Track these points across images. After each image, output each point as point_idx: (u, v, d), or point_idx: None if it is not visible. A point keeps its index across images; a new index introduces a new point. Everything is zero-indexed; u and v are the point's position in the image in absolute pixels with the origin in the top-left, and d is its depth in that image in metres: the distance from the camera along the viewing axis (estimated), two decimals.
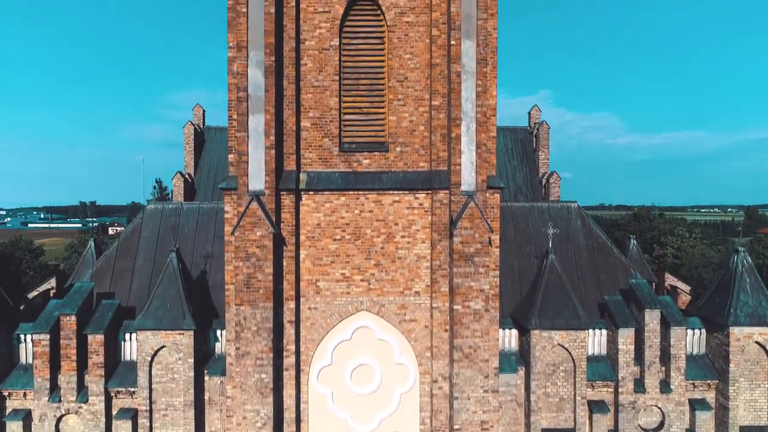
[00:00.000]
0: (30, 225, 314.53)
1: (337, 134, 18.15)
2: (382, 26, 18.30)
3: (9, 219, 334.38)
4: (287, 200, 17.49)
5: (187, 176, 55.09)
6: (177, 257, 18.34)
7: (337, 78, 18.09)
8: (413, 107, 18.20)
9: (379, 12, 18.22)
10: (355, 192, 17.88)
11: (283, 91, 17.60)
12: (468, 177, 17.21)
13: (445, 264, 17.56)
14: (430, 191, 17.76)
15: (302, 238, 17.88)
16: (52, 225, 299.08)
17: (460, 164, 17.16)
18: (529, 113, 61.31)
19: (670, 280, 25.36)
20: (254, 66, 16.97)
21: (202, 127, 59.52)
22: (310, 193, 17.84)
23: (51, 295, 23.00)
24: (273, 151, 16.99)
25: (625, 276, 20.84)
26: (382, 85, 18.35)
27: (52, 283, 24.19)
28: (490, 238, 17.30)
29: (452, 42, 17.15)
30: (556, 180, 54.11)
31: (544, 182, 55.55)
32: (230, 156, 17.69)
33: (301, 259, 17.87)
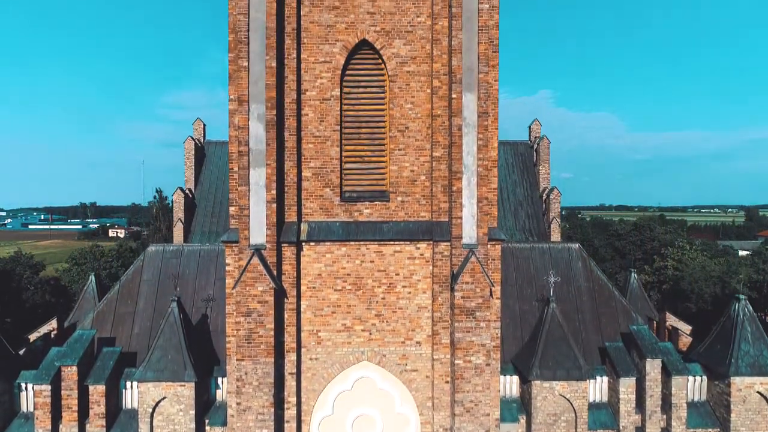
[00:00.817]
0: (30, 226, 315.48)
1: (338, 184, 18.15)
2: (383, 76, 18.30)
3: (9, 220, 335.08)
4: (288, 252, 17.48)
5: (187, 191, 55.21)
6: (178, 306, 18.34)
7: (338, 128, 18.09)
8: (414, 157, 18.19)
9: (380, 61, 18.21)
10: (357, 242, 17.88)
11: (284, 143, 17.60)
12: (469, 230, 17.20)
13: (447, 316, 17.56)
14: (431, 242, 17.76)
15: (303, 288, 17.88)
16: (52, 226, 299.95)
17: (461, 218, 17.16)
18: (530, 127, 61.34)
19: (671, 320, 25.36)
20: (255, 119, 16.96)
21: (202, 141, 59.68)
22: (311, 243, 17.84)
23: (52, 335, 22.98)
24: (274, 205, 16.98)
25: (626, 319, 20.84)
26: (383, 134, 18.36)
27: (53, 324, 24.17)
28: (491, 290, 17.31)
29: (453, 95, 17.14)
30: (557, 196, 54.16)
31: (544, 197, 55.67)
32: (231, 208, 17.69)
33: (302, 309, 17.87)
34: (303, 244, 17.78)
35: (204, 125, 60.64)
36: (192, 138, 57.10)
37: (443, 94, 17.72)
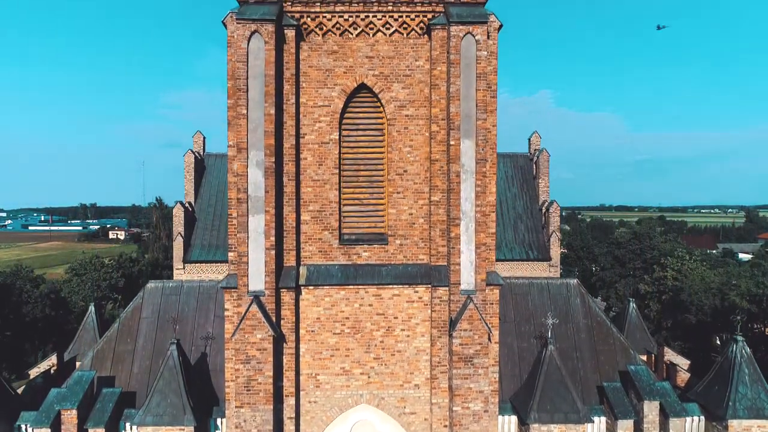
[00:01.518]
0: (30, 228, 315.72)
1: (336, 227, 18.20)
2: (381, 119, 18.35)
3: (9, 221, 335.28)
4: (287, 297, 17.53)
5: (187, 205, 55.26)
6: (177, 349, 18.39)
7: (337, 171, 18.14)
8: (413, 200, 18.25)
9: (378, 105, 18.27)
10: (355, 286, 17.94)
11: (283, 188, 17.64)
12: (467, 276, 17.25)
13: (445, 360, 17.62)
14: (429, 286, 17.82)
15: (302, 332, 17.94)
16: (52, 228, 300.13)
17: (459, 264, 17.20)
18: (529, 139, 61.35)
19: (669, 354, 25.41)
20: (254, 166, 17.00)
21: (202, 154, 59.70)
22: (310, 287, 17.90)
23: (52, 371, 23.03)
24: (273, 252, 17.02)
25: (624, 356, 20.88)
26: (382, 177, 18.42)
27: (52, 360, 24.23)
28: (489, 335, 17.36)
29: (452, 142, 17.18)
30: (556, 209, 54.18)
31: (543, 210, 55.69)
32: (230, 254, 17.74)
33: (301, 353, 17.94)
34: (302, 288, 17.84)
35: (204, 138, 60.77)
36: (192, 151, 57.18)
37: (441, 139, 17.76)
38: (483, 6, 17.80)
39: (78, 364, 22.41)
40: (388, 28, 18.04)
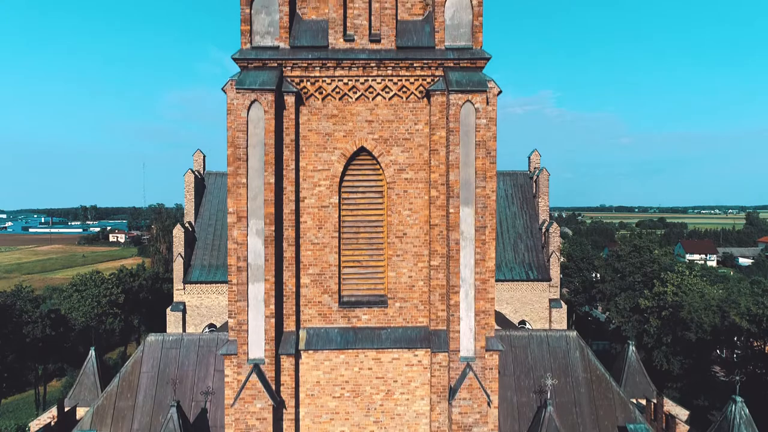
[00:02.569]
0: (31, 230, 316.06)
1: (336, 290, 18.24)
2: (381, 182, 18.38)
3: (10, 223, 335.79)
4: (287, 363, 17.56)
5: (188, 225, 55.41)
6: (177, 411, 18.43)
7: (336, 234, 18.18)
8: (412, 263, 18.28)
9: (378, 167, 18.30)
10: (355, 350, 17.97)
11: (282, 253, 17.67)
12: (467, 343, 17.28)
13: (444, 425, 17.66)
14: (429, 350, 17.85)
15: (302, 395, 17.98)
16: (53, 230, 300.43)
17: (459, 331, 17.24)
18: (529, 157, 61.57)
19: (669, 405, 25.43)
20: (254, 235, 17.03)
21: (202, 173, 59.74)
22: (310, 351, 17.93)
23: (52, 424, 23.06)
24: (273, 320, 17.06)
25: (624, 411, 20.93)
26: (382, 240, 18.44)
27: (53, 411, 24.28)
28: (489, 402, 17.39)
29: (451, 210, 17.20)
30: (556, 230, 54.39)
31: (543, 230, 55.75)
32: (230, 320, 17.77)
33: (300, 417, 17.98)
34: (302, 352, 17.87)
35: (204, 156, 60.89)
36: (192, 171, 57.39)
37: (441, 204, 17.79)
38: (481, 71, 17.86)
39: (78, 416, 22.45)
40: (387, 92, 18.07)
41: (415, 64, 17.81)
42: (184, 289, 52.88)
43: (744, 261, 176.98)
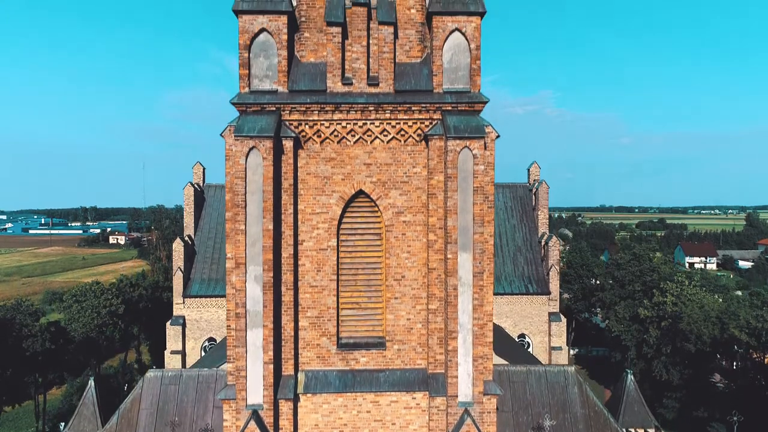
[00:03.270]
0: (31, 231, 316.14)
1: (334, 332, 18.29)
2: (379, 225, 18.42)
3: (10, 225, 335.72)
4: (285, 407, 17.60)
5: (187, 239, 55.43)
6: None
7: (335, 277, 18.22)
8: (411, 305, 18.33)
9: (376, 210, 18.34)
10: (353, 393, 18.02)
11: (281, 297, 17.71)
12: (465, 389, 17.34)
13: None
14: (427, 393, 17.91)
15: None
16: (53, 231, 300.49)
17: (457, 376, 17.29)
18: (529, 169, 61.58)
19: None
20: (253, 281, 17.07)
21: (202, 185, 59.75)
22: (308, 395, 17.98)
23: None
24: (271, 366, 17.10)
25: None
26: (380, 282, 18.49)
27: None
28: None
29: (449, 256, 17.25)
30: (555, 243, 54.46)
31: (543, 243, 55.76)
32: (228, 365, 17.80)
33: None
34: (300, 395, 17.92)
35: (203, 169, 60.94)
36: (191, 184, 57.43)
37: (439, 248, 17.84)
38: (479, 114, 17.90)
39: None
40: (385, 135, 18.11)
41: (413, 108, 17.85)
42: (183, 303, 53.00)
43: (744, 264, 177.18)
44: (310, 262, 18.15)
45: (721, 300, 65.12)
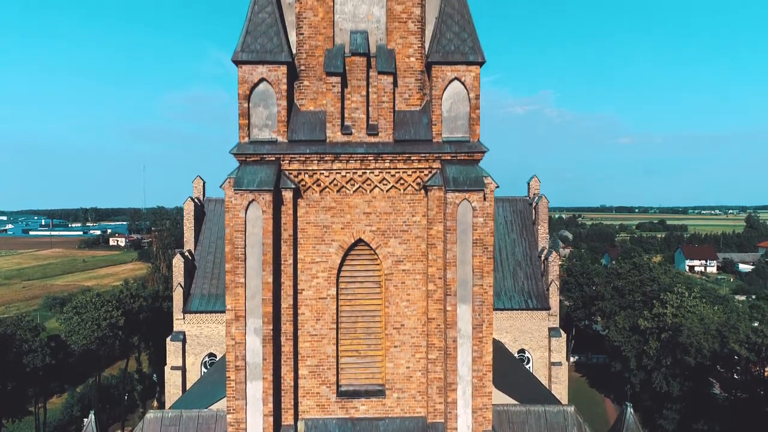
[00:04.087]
0: (31, 233, 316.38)
1: (334, 381, 18.32)
2: (378, 273, 18.44)
3: (10, 226, 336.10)
4: None
5: (187, 254, 55.37)
6: None
7: (334, 326, 18.26)
8: (410, 354, 18.36)
9: (376, 258, 18.35)
10: None
11: (281, 347, 17.74)
12: None
13: None
14: None
15: None
16: (53, 233, 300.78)
17: (456, 428, 17.33)
18: (529, 183, 61.51)
19: None
20: (252, 333, 17.10)
21: (202, 200, 59.71)
22: None
23: None
24: (271, 418, 17.14)
25: None
26: (379, 330, 18.52)
27: None
28: None
29: (448, 308, 17.27)
30: (555, 259, 54.40)
31: (543, 258, 55.71)
32: (229, 416, 17.81)
33: None
34: None
35: (203, 182, 60.92)
36: (191, 198, 57.41)
37: (438, 298, 17.87)
38: (479, 163, 17.93)
39: None
40: (385, 184, 18.13)
41: (412, 158, 17.88)
42: (183, 318, 53.05)
43: (744, 267, 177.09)
44: (309, 310, 18.18)
45: (721, 312, 64.98)
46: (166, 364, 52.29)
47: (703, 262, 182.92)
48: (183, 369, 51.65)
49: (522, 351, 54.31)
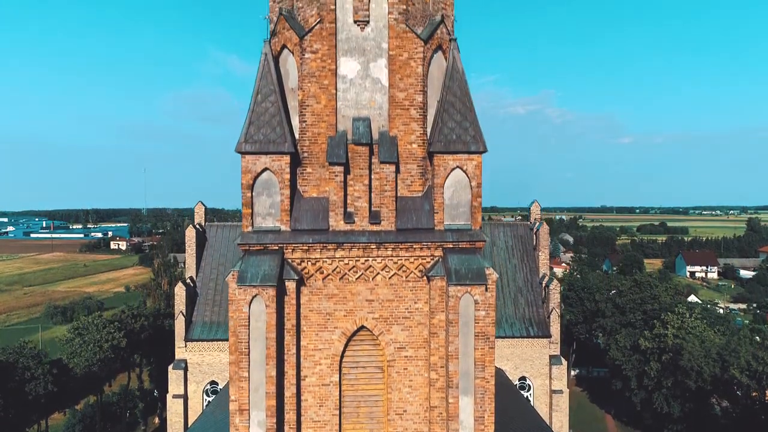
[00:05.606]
0: (32, 235, 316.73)
1: None
2: (381, 359, 18.55)
3: (11, 228, 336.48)
4: None
5: (189, 281, 55.49)
6: None
7: (337, 412, 18.36)
8: None
9: (378, 344, 18.46)
10: None
11: None
12: None
13: None
14: None
15: None
16: (54, 235, 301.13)
17: None
18: (529, 208, 61.50)
19: None
20: (256, 426, 17.22)
21: (203, 225, 59.74)
22: None
23: None
24: None
25: None
26: (382, 415, 18.62)
27: None
28: None
29: (450, 400, 17.39)
30: (556, 286, 54.46)
31: (544, 284, 55.76)
32: None
33: None
34: None
35: (205, 208, 60.94)
36: (193, 225, 57.47)
37: (440, 386, 17.98)
38: (480, 251, 18.02)
39: None
40: (387, 272, 18.23)
41: (415, 246, 17.98)
42: (185, 346, 53.19)
43: (745, 273, 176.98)
44: (312, 397, 18.30)
45: (721, 334, 65.09)
46: (168, 392, 52.48)
47: (704, 267, 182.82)
48: (185, 397, 51.80)
49: (523, 378, 54.43)
